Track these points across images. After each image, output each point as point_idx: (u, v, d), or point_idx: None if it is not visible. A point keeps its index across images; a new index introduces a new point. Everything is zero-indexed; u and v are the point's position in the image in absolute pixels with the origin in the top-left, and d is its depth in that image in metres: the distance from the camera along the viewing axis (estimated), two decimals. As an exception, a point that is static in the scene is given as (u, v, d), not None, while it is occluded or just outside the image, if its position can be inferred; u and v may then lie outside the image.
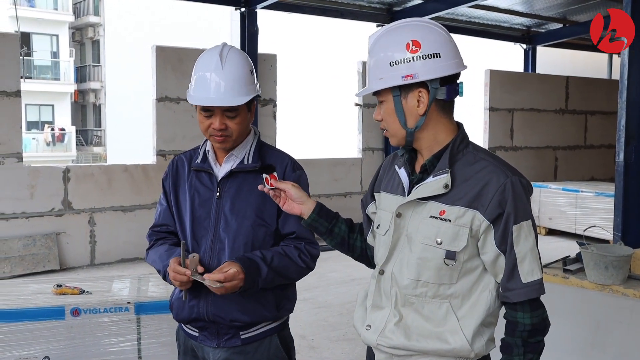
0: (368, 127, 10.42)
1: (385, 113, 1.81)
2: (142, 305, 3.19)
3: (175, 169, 2.32)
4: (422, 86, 1.74)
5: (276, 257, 2.14)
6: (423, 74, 1.72)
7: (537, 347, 1.75)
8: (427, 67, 1.72)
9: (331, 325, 5.68)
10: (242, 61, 2.16)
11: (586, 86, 12.81)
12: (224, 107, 2.11)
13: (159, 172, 8.43)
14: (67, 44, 29.33)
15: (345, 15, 10.00)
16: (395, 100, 1.77)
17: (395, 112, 1.78)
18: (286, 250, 2.17)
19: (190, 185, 2.25)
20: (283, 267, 2.15)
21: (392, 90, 1.76)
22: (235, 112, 2.13)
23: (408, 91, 1.75)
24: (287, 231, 2.20)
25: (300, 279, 2.25)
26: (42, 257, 7.60)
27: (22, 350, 3.02)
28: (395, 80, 1.74)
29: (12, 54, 7.50)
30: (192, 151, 2.33)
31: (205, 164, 2.25)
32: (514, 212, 1.70)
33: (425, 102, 1.74)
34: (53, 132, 28.03)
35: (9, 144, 7.45)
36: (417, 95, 1.75)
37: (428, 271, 1.76)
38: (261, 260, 2.10)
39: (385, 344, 1.83)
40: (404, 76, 1.72)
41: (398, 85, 1.74)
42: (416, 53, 1.72)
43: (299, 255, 2.18)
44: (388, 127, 1.82)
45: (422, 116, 1.76)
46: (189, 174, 2.27)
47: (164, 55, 8.42)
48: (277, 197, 2.06)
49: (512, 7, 10.39)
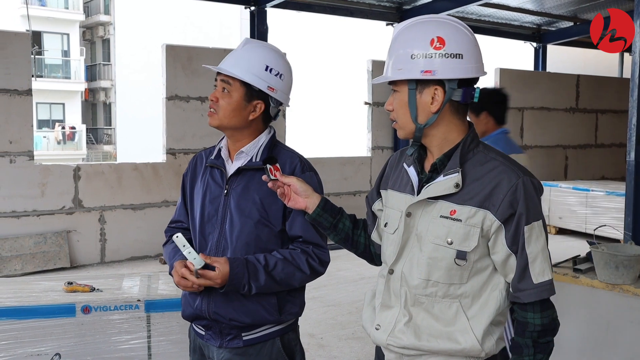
0: (377, 125, 10.41)
1: (398, 104, 1.79)
2: (152, 303, 3.20)
3: (194, 165, 2.35)
4: (439, 84, 1.73)
5: (280, 264, 2.11)
6: (442, 73, 1.71)
7: (547, 347, 1.74)
8: (447, 66, 1.71)
9: (340, 324, 5.69)
10: (262, 52, 2.20)
11: (597, 85, 12.74)
12: (222, 76, 2.17)
13: (168, 171, 8.46)
14: (78, 43, 29.47)
15: (354, 14, 9.99)
16: (410, 94, 1.75)
17: (408, 105, 1.76)
18: (294, 256, 2.14)
19: (204, 182, 2.26)
20: (286, 274, 2.11)
21: (409, 83, 1.75)
22: (229, 88, 2.16)
23: (424, 87, 1.74)
24: (293, 234, 2.17)
25: (303, 285, 2.23)
26: (53, 254, 7.64)
27: (33, 347, 3.04)
28: (414, 74, 1.72)
29: (23, 53, 7.55)
30: (212, 148, 2.35)
31: (218, 160, 2.25)
32: (525, 213, 1.70)
33: (439, 101, 1.74)
34: (64, 131, 28.17)
35: (20, 143, 7.49)
36: (432, 92, 1.73)
37: (438, 271, 1.76)
38: (262, 267, 2.08)
39: (396, 344, 1.82)
40: (422, 71, 1.71)
41: (415, 79, 1.73)
42: (439, 50, 1.71)
43: (307, 259, 2.14)
44: (398, 119, 1.81)
45: (435, 114, 1.75)
46: (205, 170, 2.29)
47: (174, 54, 8.44)
48: (282, 195, 2.04)
49: (522, 5, 10.33)
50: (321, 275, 2.22)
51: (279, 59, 2.21)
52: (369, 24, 11.25)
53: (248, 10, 8.99)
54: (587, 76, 12.73)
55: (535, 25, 11.91)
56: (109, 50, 29.60)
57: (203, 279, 2.03)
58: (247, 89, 2.16)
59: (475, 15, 10.86)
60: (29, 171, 7.56)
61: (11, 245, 7.38)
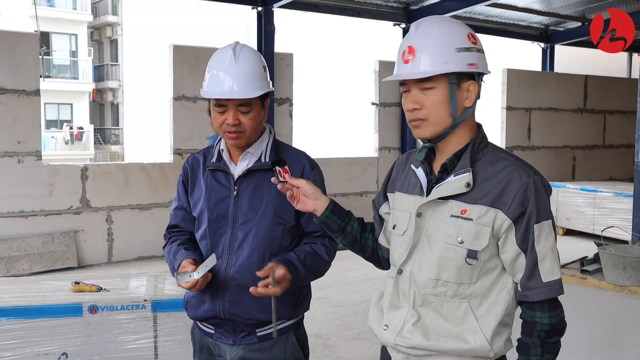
0: (384, 126, 10.40)
1: (434, 100, 1.74)
2: (159, 303, 3.21)
3: (191, 168, 2.33)
4: (473, 79, 1.75)
5: (309, 257, 2.18)
6: (481, 67, 1.75)
7: (554, 347, 1.74)
8: (483, 61, 1.76)
9: (347, 325, 5.68)
10: (255, 57, 2.19)
11: (605, 85, 12.69)
12: (237, 101, 2.12)
13: (175, 171, 8.47)
14: (86, 43, 29.58)
15: (361, 14, 9.99)
16: (451, 88, 1.74)
17: (450, 100, 1.74)
18: (314, 248, 2.21)
19: (207, 185, 2.25)
20: (315, 265, 2.19)
21: (449, 77, 1.73)
22: (249, 107, 2.14)
23: (463, 81, 1.74)
24: (311, 229, 2.23)
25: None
26: (61, 254, 7.67)
27: (41, 346, 3.05)
28: (461, 66, 1.72)
29: (32, 53, 7.58)
30: (206, 150, 2.34)
31: (220, 162, 2.25)
32: (535, 211, 1.70)
33: (474, 95, 1.76)
34: (71, 131, 28.27)
35: (28, 143, 7.53)
36: (468, 86, 1.75)
37: (449, 270, 1.76)
38: (298, 262, 2.13)
39: (404, 344, 1.82)
40: (469, 64, 1.72)
41: (456, 73, 1.73)
42: (476, 45, 1.75)
43: (326, 252, 2.23)
44: (430, 116, 1.76)
45: (468, 109, 1.76)
46: (204, 173, 2.28)
47: (181, 54, 8.46)
48: (291, 197, 2.04)
49: (530, 5, 10.30)
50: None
51: (259, 55, 2.23)
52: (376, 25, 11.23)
53: (255, 11, 8.99)
54: (595, 77, 12.68)
55: (543, 26, 11.88)
56: (116, 50, 29.70)
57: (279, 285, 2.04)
58: (261, 97, 2.18)
59: (482, 15, 10.84)
60: (37, 171, 7.60)
61: (19, 245, 7.42)
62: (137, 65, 25.80)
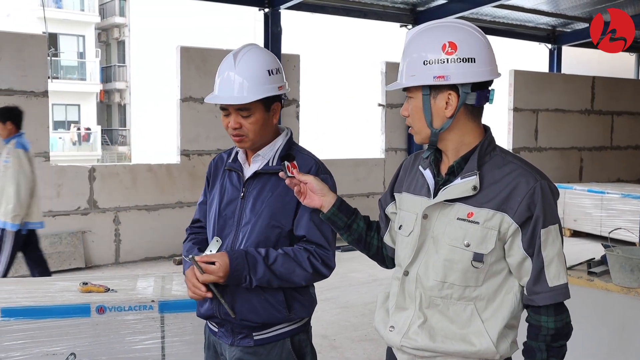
0: (391, 127, 10.39)
1: (413, 110, 1.80)
2: (166, 303, 3.22)
3: (214, 166, 2.38)
4: (452, 89, 1.73)
5: (280, 259, 2.11)
6: (455, 77, 1.71)
7: (560, 351, 1.74)
8: (460, 71, 1.71)
9: (353, 326, 5.69)
10: (257, 62, 2.16)
11: (613, 86, 12.64)
12: (235, 106, 2.14)
13: (182, 172, 8.50)
14: (93, 45, 29.68)
15: (368, 16, 9.99)
16: (424, 99, 1.76)
17: (423, 110, 1.77)
18: (295, 252, 2.14)
19: (222, 184, 2.30)
20: (286, 269, 2.11)
21: (422, 89, 1.75)
22: (249, 112, 2.14)
23: (438, 92, 1.74)
24: (298, 233, 2.18)
25: (309, 284, 2.22)
26: (68, 255, 7.71)
27: (49, 346, 3.07)
28: (427, 80, 1.73)
29: (40, 55, 7.63)
30: (231, 149, 2.37)
31: (235, 163, 2.28)
32: (542, 216, 1.70)
33: (453, 105, 1.74)
34: (79, 132, 28.37)
35: (36, 144, 7.54)
36: (446, 97, 1.74)
37: (455, 273, 1.76)
38: (262, 259, 2.10)
39: (410, 345, 1.83)
40: (435, 76, 1.72)
41: (429, 85, 1.74)
42: (451, 55, 1.71)
43: (309, 257, 2.13)
44: (413, 125, 1.82)
45: (449, 119, 1.75)
46: (223, 172, 2.32)
47: (188, 56, 8.48)
48: (299, 192, 2.05)
49: (537, 6, 10.28)
50: (326, 278, 2.22)
51: (269, 56, 2.22)
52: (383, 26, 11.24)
53: (262, 13, 9.01)
54: (602, 78, 12.64)
55: (550, 27, 11.85)
56: (124, 52, 29.79)
57: (206, 274, 2.06)
58: (264, 101, 2.16)
59: (489, 16, 10.83)
60: (44, 172, 7.62)
61: (27, 246, 7.44)
62: (145, 66, 25.86)
